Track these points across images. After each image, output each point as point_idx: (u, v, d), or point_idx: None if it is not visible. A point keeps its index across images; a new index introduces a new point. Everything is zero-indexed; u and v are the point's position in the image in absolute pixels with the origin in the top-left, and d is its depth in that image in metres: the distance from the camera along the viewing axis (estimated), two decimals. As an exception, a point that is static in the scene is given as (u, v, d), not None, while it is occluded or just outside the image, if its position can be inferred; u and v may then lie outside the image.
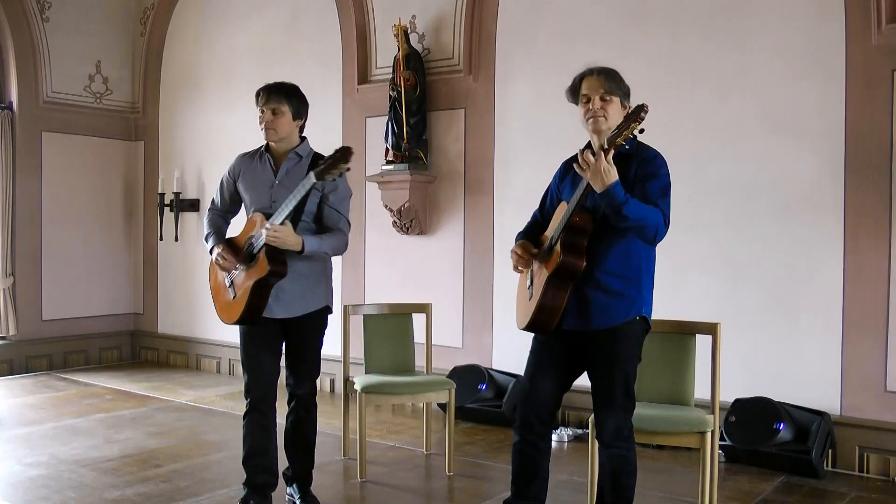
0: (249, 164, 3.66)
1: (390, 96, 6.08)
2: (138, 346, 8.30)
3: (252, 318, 3.50)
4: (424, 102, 6.06)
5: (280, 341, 3.64)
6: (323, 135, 6.72)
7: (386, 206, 6.15)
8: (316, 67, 6.80)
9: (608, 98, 3.01)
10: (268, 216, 3.43)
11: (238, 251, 3.54)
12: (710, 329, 3.65)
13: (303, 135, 3.66)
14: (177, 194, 7.72)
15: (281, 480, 3.75)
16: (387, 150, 6.12)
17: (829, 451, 4.49)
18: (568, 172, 3.22)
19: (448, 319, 5.97)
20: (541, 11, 5.68)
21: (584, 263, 2.96)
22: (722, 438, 4.57)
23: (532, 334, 3.20)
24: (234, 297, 3.52)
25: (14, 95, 7.43)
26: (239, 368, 7.26)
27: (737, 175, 4.89)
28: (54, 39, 7.61)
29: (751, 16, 4.85)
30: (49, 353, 7.66)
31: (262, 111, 3.54)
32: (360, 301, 6.38)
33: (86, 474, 4.36)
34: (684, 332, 3.71)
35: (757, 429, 4.53)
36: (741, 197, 4.88)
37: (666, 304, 5.01)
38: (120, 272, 8.22)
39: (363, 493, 4.16)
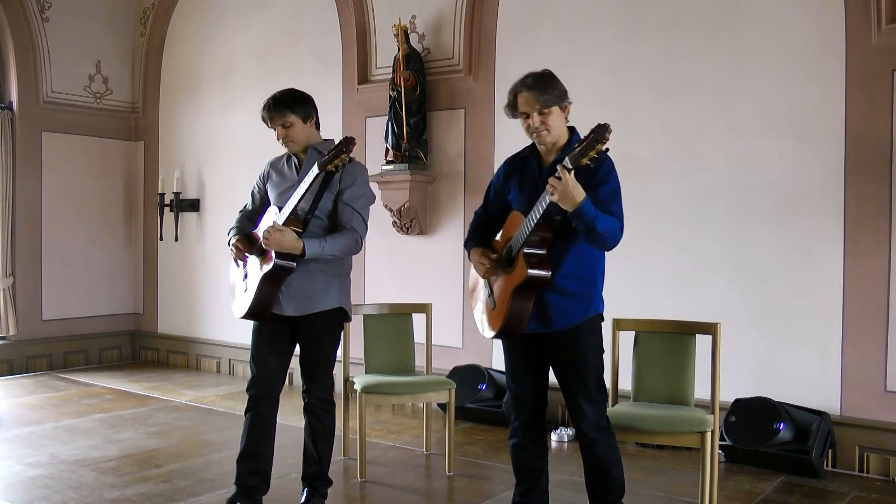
0: (277, 166, 3.70)
1: (390, 96, 6.08)
2: (138, 346, 8.30)
3: (260, 313, 3.49)
4: (424, 102, 6.06)
5: (290, 342, 3.63)
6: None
7: (386, 206, 6.15)
8: (316, 67, 6.80)
9: (546, 111, 3.01)
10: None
11: (254, 244, 3.54)
12: (710, 329, 3.65)
13: (321, 133, 3.69)
14: (177, 194, 7.72)
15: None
16: (387, 150, 6.12)
17: (829, 451, 4.49)
18: (514, 172, 3.23)
19: (448, 319, 5.96)
20: (541, 11, 5.67)
21: (550, 273, 3.00)
22: (722, 438, 4.57)
23: None
24: (245, 290, 3.54)
25: (14, 95, 7.43)
26: (239, 368, 7.29)
27: (737, 175, 4.89)
28: (54, 39, 7.61)
29: (751, 16, 4.85)
30: (49, 353, 7.66)
31: (275, 129, 3.57)
32: (360, 301, 6.38)
33: (86, 474, 4.36)
34: (684, 332, 3.71)
35: (757, 429, 4.53)
36: (741, 197, 4.88)
37: (666, 304, 5.05)
38: (120, 272, 8.22)
39: (363, 493, 4.17)
